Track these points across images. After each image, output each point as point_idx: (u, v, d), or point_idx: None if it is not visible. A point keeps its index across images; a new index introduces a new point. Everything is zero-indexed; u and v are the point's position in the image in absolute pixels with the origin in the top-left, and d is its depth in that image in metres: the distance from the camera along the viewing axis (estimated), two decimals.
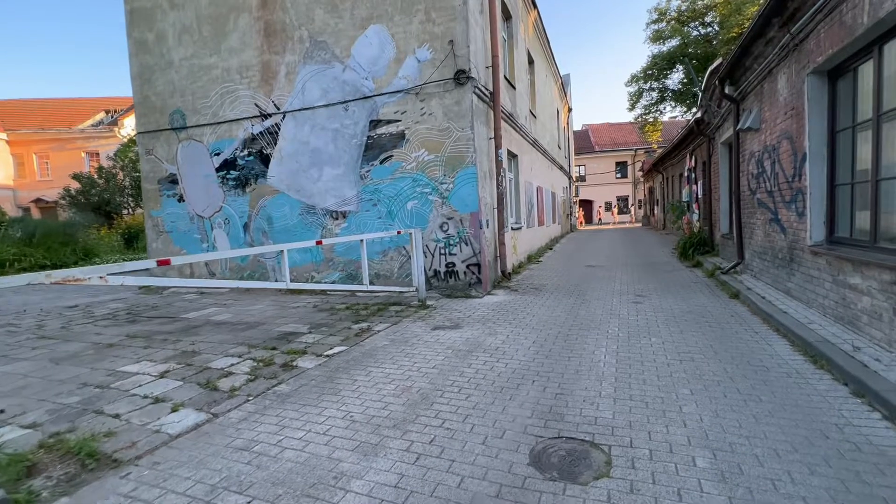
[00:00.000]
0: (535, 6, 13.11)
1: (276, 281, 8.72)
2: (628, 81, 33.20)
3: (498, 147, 7.95)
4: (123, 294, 9.38)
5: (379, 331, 5.45)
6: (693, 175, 12.74)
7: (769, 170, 6.11)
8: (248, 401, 3.50)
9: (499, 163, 7.98)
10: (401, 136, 7.62)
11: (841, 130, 4.56)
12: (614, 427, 2.81)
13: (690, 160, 12.91)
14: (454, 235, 7.42)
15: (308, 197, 8.42)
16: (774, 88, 5.78)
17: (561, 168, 20.66)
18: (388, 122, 7.69)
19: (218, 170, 9.16)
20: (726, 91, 7.44)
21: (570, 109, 25.47)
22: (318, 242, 5.24)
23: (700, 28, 31.06)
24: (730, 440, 2.58)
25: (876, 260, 3.60)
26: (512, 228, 9.82)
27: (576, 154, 38.78)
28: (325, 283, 8.36)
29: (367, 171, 7.92)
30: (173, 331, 5.92)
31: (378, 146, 7.80)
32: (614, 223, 36.67)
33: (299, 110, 8.28)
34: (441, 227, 7.50)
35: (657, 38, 30.98)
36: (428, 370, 4.00)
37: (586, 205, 40.70)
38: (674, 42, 30.63)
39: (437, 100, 7.33)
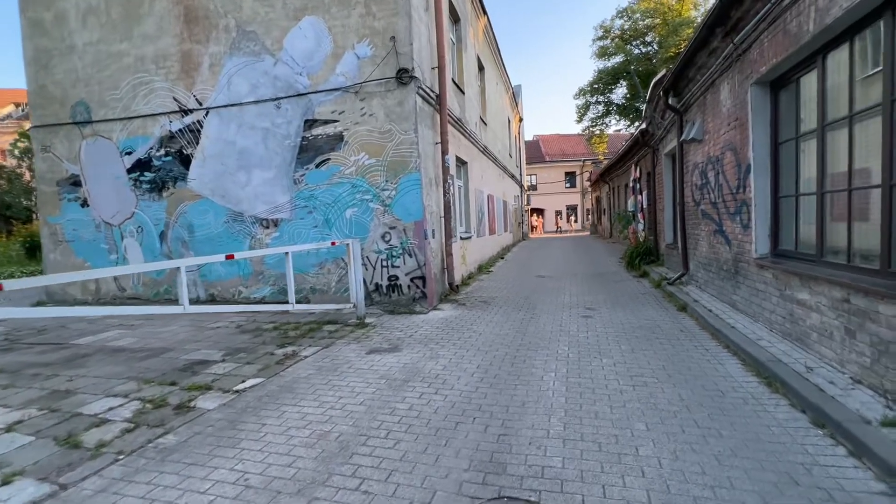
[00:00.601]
0: (484, 12, 12.94)
1: (198, 297, 7.76)
2: (576, 94, 34.35)
3: (444, 152, 7.53)
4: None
5: (306, 356, 4.78)
6: (638, 185, 13.00)
7: (713, 181, 6.09)
8: (117, 461, 2.76)
9: (445, 169, 7.55)
10: (339, 138, 6.99)
11: (784, 142, 4.50)
12: (564, 480, 2.37)
13: (636, 171, 13.18)
14: (397, 246, 6.87)
15: (235, 203, 7.56)
16: (717, 99, 5.76)
17: (512, 177, 20.70)
18: (325, 122, 7.04)
19: (130, 171, 8.06)
20: (670, 102, 7.46)
21: (521, 119, 25.77)
22: (229, 257, 4.51)
23: (641, 47, 32.68)
24: (694, 493, 2.21)
25: (825, 275, 3.46)
26: (461, 238, 9.42)
27: (527, 164, 39.51)
28: (255, 298, 7.52)
29: (302, 176, 7.21)
30: (53, 362, 4.92)
31: (314, 148, 7.12)
32: (572, 231, 37.54)
33: (225, 106, 7.44)
34: (383, 237, 6.93)
35: (602, 53, 32.29)
36: (354, 407, 3.42)
37: (538, 213, 41.50)
38: (618, 59, 32.06)
39: (378, 100, 6.79)
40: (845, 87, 3.43)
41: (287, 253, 5.23)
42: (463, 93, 10.04)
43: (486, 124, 13.28)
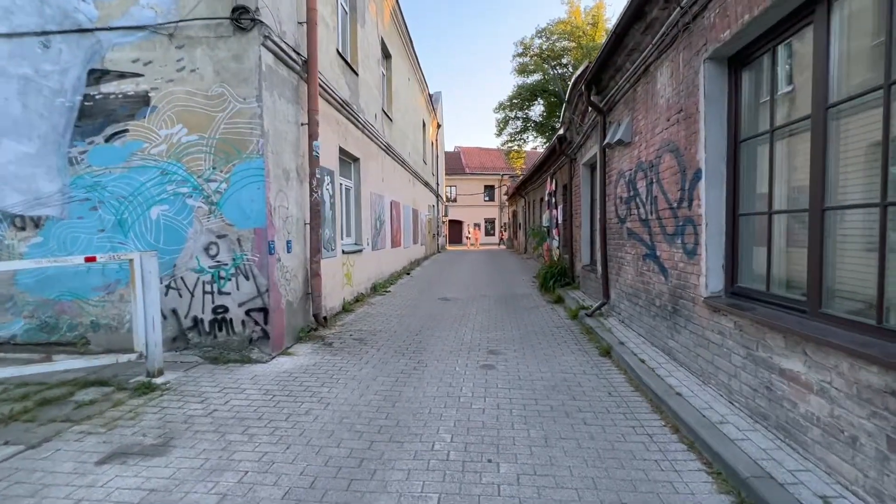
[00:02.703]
0: None
1: None
2: (496, 108, 34.33)
3: (313, 136, 5.57)
4: None
5: None
6: (553, 199, 12.09)
7: (644, 193, 4.88)
8: None
9: (314, 160, 5.59)
10: (143, 101, 4.72)
11: (748, 139, 3.28)
12: None
13: (551, 184, 12.28)
14: (227, 264, 4.73)
15: None
16: (653, 90, 4.56)
17: (427, 184, 19.19)
18: (122, 76, 4.73)
19: None
20: (592, 99, 6.30)
21: (439, 125, 24.53)
22: None
23: (558, 68, 33.56)
24: None
25: (844, 343, 2.13)
26: (345, 252, 7.46)
27: (447, 174, 38.64)
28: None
29: (83, 153, 4.78)
30: None
31: (103, 113, 4.75)
32: (477, 245, 36.98)
33: None
34: (207, 249, 4.75)
35: (522, 70, 32.62)
36: None
37: (456, 225, 40.72)
38: (536, 76, 32.59)
39: (205, 49, 4.66)
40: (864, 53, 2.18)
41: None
42: (356, 74, 8.17)
43: (391, 120, 11.52)
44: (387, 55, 11.57)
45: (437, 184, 24.02)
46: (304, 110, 5.61)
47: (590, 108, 6.62)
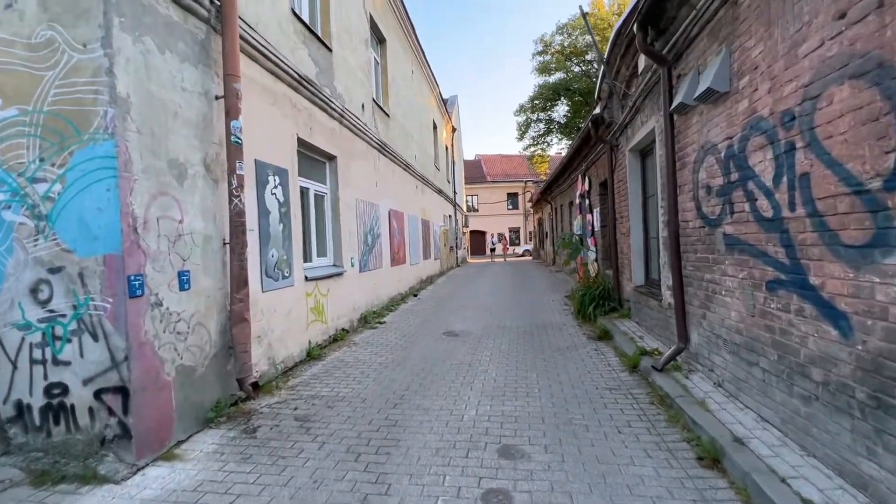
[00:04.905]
0: None
1: None
2: (517, 111, 32.43)
3: (232, 115, 3.74)
4: None
5: None
6: (587, 201, 9.93)
7: (769, 172, 2.77)
8: None
9: (233, 148, 3.75)
10: None
11: None
12: None
13: (583, 183, 10.13)
14: (65, 315, 2.90)
15: None
16: None
17: (440, 192, 17.32)
18: None
19: None
20: (650, 46, 4.24)
21: (454, 129, 22.74)
22: None
23: (581, 65, 31.44)
24: None
25: None
26: (310, 279, 5.57)
27: (468, 184, 36.80)
28: None
29: None
30: None
31: None
32: (521, 255, 34.66)
33: None
34: (35, 291, 2.93)
35: (543, 69, 30.63)
36: None
37: (478, 235, 38.68)
38: (559, 75, 30.56)
39: None
40: None
41: None
42: (328, 48, 6.39)
43: (387, 115, 9.71)
44: (380, 39, 9.81)
45: (455, 192, 22.13)
46: (217, 74, 3.79)
47: (640, 68, 4.55)
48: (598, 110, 6.77)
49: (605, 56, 5.65)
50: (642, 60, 5.08)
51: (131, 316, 2.86)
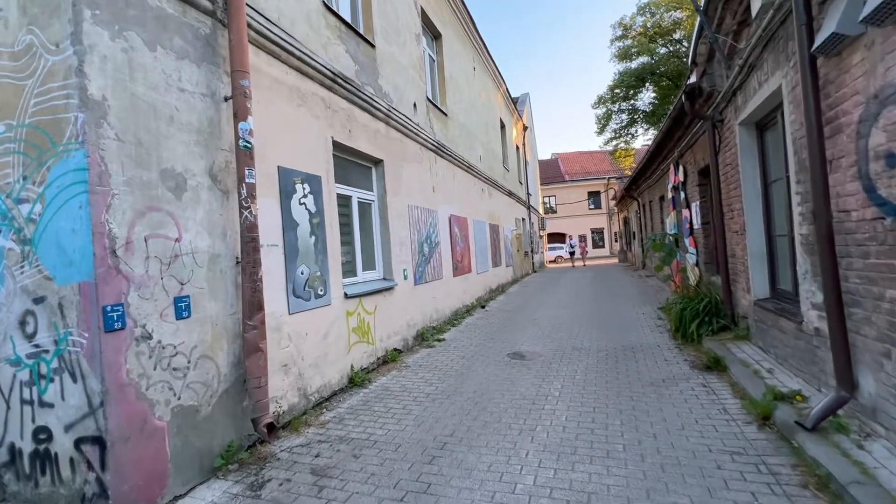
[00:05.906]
0: None
1: None
2: (595, 103, 30.21)
3: (240, 116, 3.29)
4: None
5: None
6: (682, 194, 8.34)
7: None
8: None
9: (242, 154, 3.29)
10: None
11: None
12: None
13: (676, 173, 8.55)
14: (48, 350, 2.57)
15: None
16: None
17: (511, 194, 16.31)
18: None
19: None
20: None
21: (525, 127, 21.56)
22: None
23: (668, 46, 28.43)
24: None
25: None
26: (351, 296, 5.03)
27: (544, 184, 35.10)
28: None
29: None
30: None
31: None
32: (607, 257, 31.97)
33: None
34: (23, 323, 2.65)
35: (624, 55, 28.14)
36: None
37: (557, 238, 36.63)
38: (642, 59, 27.87)
39: None
40: None
41: None
42: (370, 44, 5.89)
43: (445, 114, 9.07)
44: (434, 34, 9.23)
45: (528, 193, 20.91)
46: (224, 73, 3.37)
47: (755, 10, 3.29)
48: (693, 79, 5.40)
49: (703, 4, 4.38)
50: (756, 0, 3.78)
51: (107, 353, 2.44)
